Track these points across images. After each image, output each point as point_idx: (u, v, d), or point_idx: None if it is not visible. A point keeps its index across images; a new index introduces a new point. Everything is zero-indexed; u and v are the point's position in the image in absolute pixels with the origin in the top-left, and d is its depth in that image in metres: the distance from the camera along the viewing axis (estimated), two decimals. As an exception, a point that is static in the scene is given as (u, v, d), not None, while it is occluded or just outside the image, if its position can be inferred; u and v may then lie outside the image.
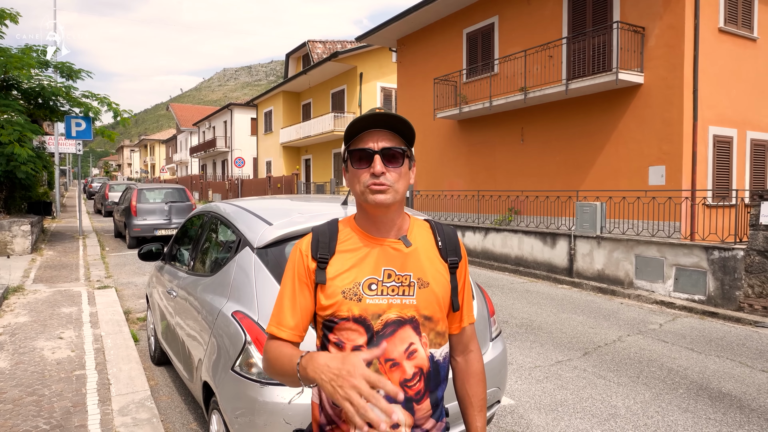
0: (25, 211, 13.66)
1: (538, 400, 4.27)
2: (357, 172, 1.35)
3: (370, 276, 1.34)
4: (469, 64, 14.65)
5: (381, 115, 1.32)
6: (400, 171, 1.35)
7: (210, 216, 3.90)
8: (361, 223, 1.41)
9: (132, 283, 8.77)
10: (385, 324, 1.32)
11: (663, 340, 6.07)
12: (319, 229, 1.43)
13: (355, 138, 1.36)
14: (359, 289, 1.33)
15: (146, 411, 3.70)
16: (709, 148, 10.13)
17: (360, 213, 1.42)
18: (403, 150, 1.36)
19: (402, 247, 1.38)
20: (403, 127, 1.35)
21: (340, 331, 1.34)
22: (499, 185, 13.51)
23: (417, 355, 1.35)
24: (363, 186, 1.34)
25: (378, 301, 1.33)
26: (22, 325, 5.78)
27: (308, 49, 28.67)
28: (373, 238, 1.38)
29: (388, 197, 1.32)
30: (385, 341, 1.31)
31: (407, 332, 1.34)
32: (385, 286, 1.34)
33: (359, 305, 1.32)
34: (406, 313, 1.34)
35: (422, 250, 1.41)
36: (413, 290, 1.36)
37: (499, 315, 7.01)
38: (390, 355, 1.32)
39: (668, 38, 9.89)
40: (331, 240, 1.39)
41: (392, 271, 1.36)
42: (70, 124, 13.13)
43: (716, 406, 4.21)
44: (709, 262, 7.65)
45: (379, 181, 1.31)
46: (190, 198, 14.39)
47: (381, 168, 1.31)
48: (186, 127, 50.25)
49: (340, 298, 1.33)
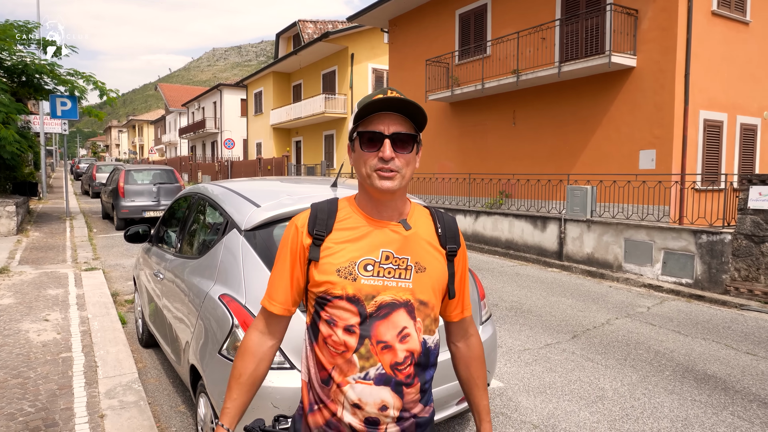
0: (10, 192, 13.45)
1: (526, 383, 4.30)
2: (365, 155, 1.32)
3: (367, 256, 1.33)
4: (461, 46, 14.51)
5: (395, 99, 1.29)
6: (409, 157, 1.33)
7: (197, 197, 3.84)
8: (362, 204, 1.39)
9: (120, 265, 8.69)
10: (378, 306, 1.31)
11: (650, 323, 6.13)
12: (318, 206, 1.41)
13: (366, 119, 1.33)
14: (355, 268, 1.32)
15: (133, 393, 3.67)
16: (699, 133, 10.15)
17: (362, 194, 1.40)
18: (413, 135, 1.33)
19: (401, 230, 1.37)
20: (416, 112, 1.32)
21: (332, 309, 1.32)
22: (491, 168, 13.48)
23: (410, 339, 1.33)
24: (370, 170, 1.31)
25: (373, 282, 1.31)
26: (6, 306, 5.71)
27: (299, 29, 28.24)
28: (373, 220, 1.37)
29: (395, 183, 1.31)
30: (377, 323, 1.30)
31: (401, 316, 1.32)
32: (382, 267, 1.33)
33: (354, 285, 1.31)
34: (401, 297, 1.33)
35: (422, 234, 1.40)
36: (410, 274, 1.35)
37: (489, 298, 7.04)
38: (382, 338, 1.30)
39: (661, 21, 9.83)
40: (329, 217, 1.38)
41: (390, 253, 1.34)
42: (56, 103, 12.86)
43: (701, 388, 4.26)
44: (697, 245, 7.71)
45: (388, 166, 1.29)
46: (178, 179, 14.23)
47: (390, 153, 1.29)
48: (175, 108, 49.56)
49: (334, 275, 1.31)
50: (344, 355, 1.31)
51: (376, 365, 1.30)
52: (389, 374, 1.30)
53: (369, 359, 1.29)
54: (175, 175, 14.23)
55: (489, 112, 13.70)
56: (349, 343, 1.30)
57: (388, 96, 1.28)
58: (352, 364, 1.30)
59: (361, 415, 1.31)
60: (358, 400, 1.30)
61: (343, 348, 1.31)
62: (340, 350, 1.31)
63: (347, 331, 1.30)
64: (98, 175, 22.18)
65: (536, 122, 12.41)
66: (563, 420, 3.67)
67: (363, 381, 1.30)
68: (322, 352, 1.34)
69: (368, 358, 1.29)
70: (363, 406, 1.30)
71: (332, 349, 1.32)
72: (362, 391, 1.30)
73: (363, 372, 1.30)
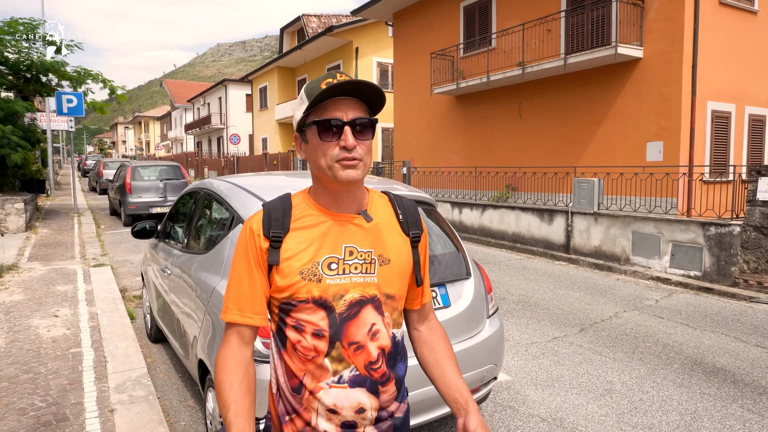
0: (18, 189, 13.53)
1: (534, 376, 4.29)
2: (324, 145, 1.23)
3: (330, 255, 1.25)
4: (466, 39, 14.42)
5: (351, 82, 1.19)
6: (369, 144, 1.26)
7: (203, 193, 3.84)
8: (318, 199, 1.30)
9: (128, 261, 8.74)
10: (349, 305, 1.25)
11: (659, 315, 6.10)
12: (270, 204, 1.31)
13: (318, 106, 1.23)
14: (318, 269, 1.24)
15: (143, 388, 3.70)
16: (707, 124, 10.06)
17: (318, 187, 1.30)
18: (373, 121, 1.26)
19: (363, 223, 1.30)
20: (372, 94, 1.24)
21: (298, 314, 1.25)
22: (497, 161, 13.43)
23: (380, 335, 1.28)
24: (331, 160, 1.22)
25: (339, 281, 1.25)
26: (17, 303, 5.76)
27: (303, 23, 28.17)
28: (332, 214, 1.28)
29: (359, 173, 1.23)
30: (348, 324, 1.25)
31: (369, 312, 1.27)
32: (347, 264, 1.26)
33: (319, 286, 1.23)
34: (367, 292, 1.27)
35: (383, 224, 1.33)
36: (374, 267, 1.28)
37: (496, 292, 7.03)
38: (354, 338, 1.25)
39: (668, 11, 9.72)
40: (284, 216, 1.27)
41: (354, 248, 1.27)
42: (61, 100, 12.91)
43: (710, 381, 4.24)
44: (705, 238, 7.66)
45: (351, 155, 1.21)
46: (185, 175, 14.28)
47: (353, 141, 1.21)
48: (180, 104, 49.66)
49: (298, 278, 1.23)
50: (315, 360, 1.24)
51: (349, 367, 1.25)
52: (364, 375, 1.26)
53: (342, 362, 1.25)
54: (181, 171, 14.28)
55: (494, 104, 13.63)
56: (319, 347, 1.24)
57: (342, 80, 1.19)
58: (325, 369, 1.25)
59: (337, 420, 1.26)
60: (334, 405, 1.25)
61: (313, 353, 1.24)
62: (311, 356, 1.25)
63: (316, 335, 1.24)
64: (105, 172, 22.27)
65: (542, 115, 12.33)
66: (571, 413, 3.66)
67: (337, 385, 1.25)
68: (291, 359, 1.27)
69: (341, 361, 1.25)
70: (339, 410, 1.25)
71: (302, 355, 1.25)
72: (337, 396, 1.25)
73: (336, 375, 1.25)
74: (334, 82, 1.19)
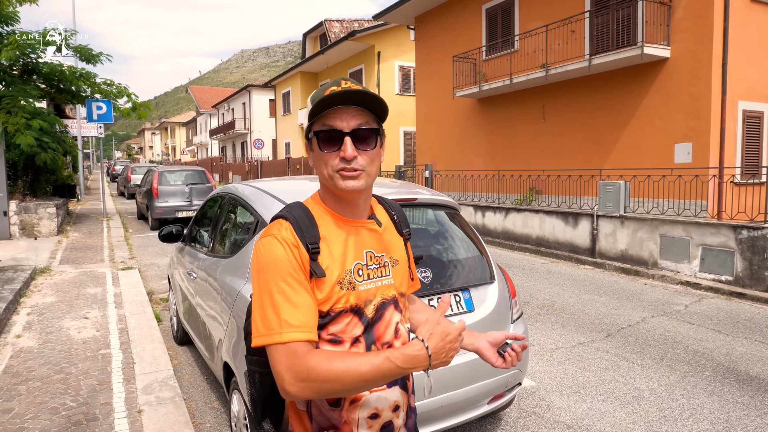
0: (50, 194, 13.91)
1: (559, 382, 4.23)
2: (324, 155, 1.22)
3: (357, 261, 1.26)
4: (488, 41, 14.35)
5: (351, 91, 1.17)
6: (372, 154, 1.24)
7: (228, 197, 3.90)
8: (331, 206, 1.28)
9: (155, 264, 8.91)
10: (376, 308, 1.28)
11: (688, 321, 5.95)
12: (293, 214, 1.24)
13: (321, 115, 1.22)
14: (351, 276, 1.24)
15: (169, 390, 3.76)
16: (738, 124, 9.80)
17: (328, 195, 1.29)
18: (376, 129, 1.24)
19: (376, 227, 1.33)
20: (374, 102, 1.21)
21: (335, 326, 1.22)
22: (520, 164, 13.30)
23: (401, 332, 1.33)
24: (332, 170, 1.21)
25: (367, 286, 1.27)
26: (49, 305, 5.92)
27: (325, 28, 28.39)
28: (348, 221, 1.28)
29: (360, 183, 1.21)
30: (376, 326, 1.28)
31: (391, 312, 1.31)
32: (369, 269, 1.28)
33: (354, 294, 1.23)
34: (388, 294, 1.31)
35: (387, 227, 1.38)
36: (389, 269, 1.33)
37: (520, 296, 6.95)
38: (384, 339, 1.28)
39: (696, 9, 9.51)
40: (312, 225, 1.23)
41: (372, 252, 1.30)
42: (92, 107, 13.27)
43: (744, 389, 4.12)
44: (737, 241, 7.45)
45: (351, 166, 1.20)
46: (210, 180, 14.50)
47: (353, 152, 1.19)
48: (205, 110, 50.50)
49: (336, 288, 1.21)
50: None
51: None
52: None
53: None
54: (206, 176, 14.51)
55: (517, 107, 13.51)
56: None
57: (344, 88, 1.17)
58: None
59: (377, 426, 1.27)
60: (376, 408, 1.27)
61: None
62: None
63: (354, 342, 1.24)
64: (133, 177, 22.78)
65: (566, 117, 12.18)
66: (598, 420, 3.59)
67: (377, 388, 1.26)
68: None
69: None
70: (380, 412, 1.27)
71: None
72: (378, 398, 1.27)
73: None
74: (337, 90, 1.18)
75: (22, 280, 6.52)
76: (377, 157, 1.26)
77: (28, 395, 3.62)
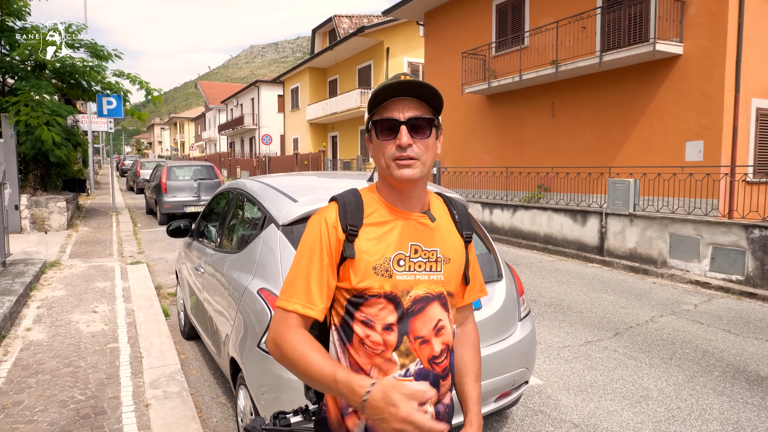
0: (60, 188, 14.01)
1: (566, 381, 4.20)
2: (382, 144, 1.28)
3: (399, 251, 1.29)
4: (498, 37, 14.26)
5: (407, 82, 1.23)
6: (428, 143, 1.28)
7: (236, 193, 3.90)
8: (386, 195, 1.34)
9: (163, 259, 8.96)
10: (414, 301, 1.29)
11: (698, 321, 5.89)
12: (344, 197, 1.34)
13: (380, 107, 1.29)
14: (389, 264, 1.28)
15: (176, 384, 3.78)
16: (751, 122, 9.67)
17: (384, 185, 1.35)
18: (431, 120, 1.29)
19: (428, 222, 1.35)
20: (431, 94, 1.27)
21: (369, 309, 1.28)
22: (529, 161, 13.23)
23: (444, 331, 1.33)
24: (388, 159, 1.27)
25: (406, 277, 1.29)
26: (58, 298, 5.96)
27: (334, 24, 28.36)
28: (399, 212, 1.33)
29: (415, 171, 1.26)
30: (413, 319, 1.29)
31: (436, 309, 1.32)
32: (413, 261, 1.30)
33: (390, 281, 1.27)
34: (434, 290, 1.32)
35: (443, 224, 1.39)
36: (440, 266, 1.34)
37: (527, 294, 6.91)
38: (419, 333, 1.29)
39: (710, 5, 9.39)
40: (358, 210, 1.31)
41: (419, 246, 1.32)
42: (102, 102, 13.34)
43: (754, 390, 4.07)
44: (748, 240, 7.36)
45: (406, 153, 1.25)
46: (218, 175, 14.55)
47: (408, 140, 1.24)
48: (214, 105, 50.67)
49: (371, 273, 1.27)
50: (383, 354, 1.28)
51: (415, 361, 1.29)
52: (428, 369, 1.30)
53: (408, 356, 1.28)
54: (214, 171, 14.56)
55: (526, 104, 13.43)
56: (389, 341, 1.28)
57: (401, 80, 1.24)
58: (392, 362, 1.28)
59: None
60: None
61: (382, 347, 1.28)
62: (379, 350, 1.28)
63: (386, 329, 1.28)
64: (142, 172, 22.90)
65: (576, 114, 12.09)
66: (605, 420, 3.57)
67: (404, 378, 1.28)
68: (357, 353, 1.29)
69: (408, 355, 1.28)
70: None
71: (370, 350, 1.28)
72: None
73: (404, 369, 1.28)
74: (395, 82, 1.24)
75: (33, 273, 6.57)
76: (433, 147, 1.31)
77: (38, 388, 3.65)
